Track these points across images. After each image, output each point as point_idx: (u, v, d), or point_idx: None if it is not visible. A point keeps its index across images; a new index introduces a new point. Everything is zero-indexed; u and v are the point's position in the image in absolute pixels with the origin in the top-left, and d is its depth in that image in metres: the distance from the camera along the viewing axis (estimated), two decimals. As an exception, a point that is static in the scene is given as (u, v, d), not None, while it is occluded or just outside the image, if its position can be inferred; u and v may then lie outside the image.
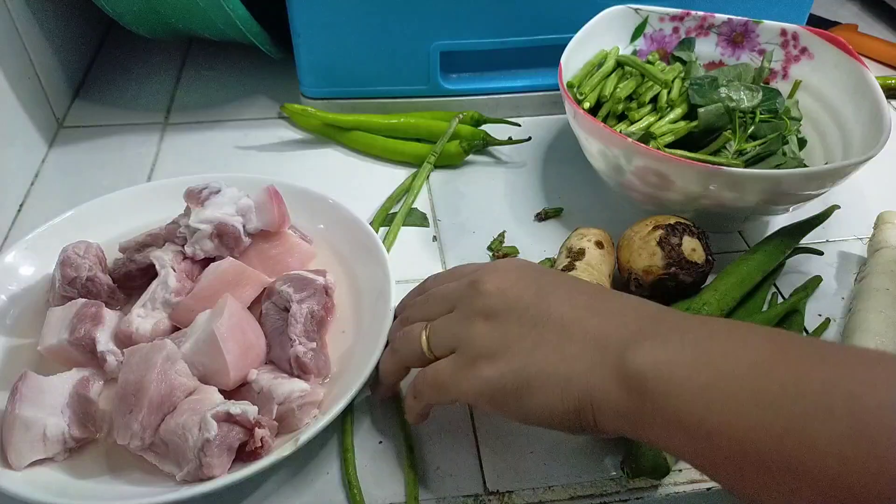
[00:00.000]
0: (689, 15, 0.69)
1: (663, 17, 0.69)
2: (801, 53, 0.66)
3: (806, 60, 0.66)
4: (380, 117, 0.72)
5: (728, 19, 0.68)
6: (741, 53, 0.69)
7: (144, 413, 0.42)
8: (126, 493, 0.43)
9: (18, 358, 0.50)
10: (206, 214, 0.53)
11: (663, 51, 0.70)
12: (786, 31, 0.67)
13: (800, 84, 0.66)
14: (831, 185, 0.55)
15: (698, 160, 0.56)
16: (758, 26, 0.67)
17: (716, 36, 0.69)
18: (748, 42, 0.68)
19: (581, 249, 0.54)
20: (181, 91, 0.82)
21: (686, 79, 0.65)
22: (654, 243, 0.53)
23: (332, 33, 0.70)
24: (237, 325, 0.47)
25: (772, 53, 0.67)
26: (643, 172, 0.55)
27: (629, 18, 0.69)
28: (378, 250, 0.55)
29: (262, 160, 0.72)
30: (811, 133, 0.65)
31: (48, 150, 0.73)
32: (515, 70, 0.75)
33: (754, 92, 0.62)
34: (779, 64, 0.68)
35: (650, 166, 0.54)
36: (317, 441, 0.46)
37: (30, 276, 0.55)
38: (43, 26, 0.73)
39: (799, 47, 0.66)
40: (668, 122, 0.62)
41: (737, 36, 0.68)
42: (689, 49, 0.69)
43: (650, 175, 0.55)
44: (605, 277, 0.54)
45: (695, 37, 0.69)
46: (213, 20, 0.70)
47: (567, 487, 0.46)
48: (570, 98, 0.59)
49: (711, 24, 0.69)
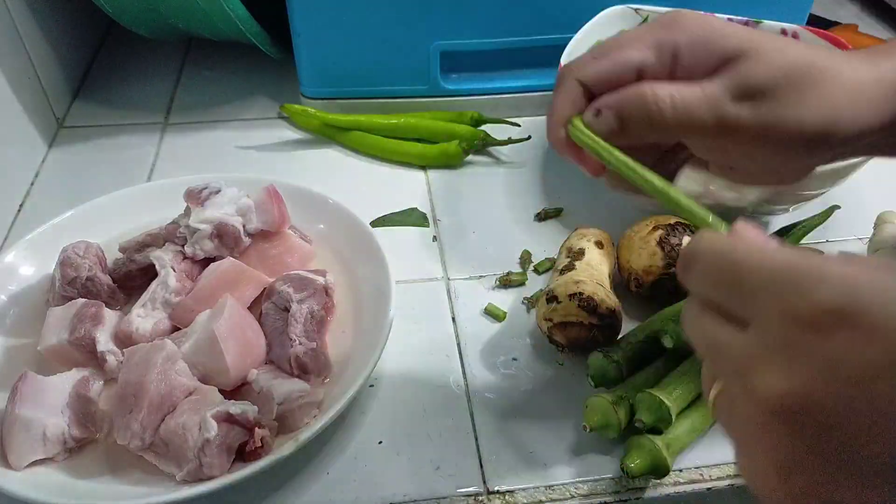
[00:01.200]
0: None
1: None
2: None
3: None
4: (379, 117, 0.72)
5: (728, 19, 0.68)
6: None
7: (144, 413, 0.42)
8: (126, 493, 0.43)
9: (18, 358, 0.50)
10: (206, 214, 0.53)
11: None
12: (786, 31, 0.66)
13: None
14: (831, 186, 0.55)
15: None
16: (758, 26, 0.67)
17: None
18: None
19: (581, 249, 0.54)
20: (181, 91, 0.82)
21: None
22: (653, 243, 0.53)
23: (332, 33, 0.70)
24: (237, 325, 0.47)
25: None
26: None
27: (629, 19, 0.69)
28: (378, 250, 0.55)
29: (261, 160, 0.72)
30: None
31: (48, 149, 0.73)
32: (516, 70, 0.75)
33: None
34: None
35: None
36: (317, 441, 0.46)
37: (30, 275, 0.55)
38: (43, 26, 0.73)
39: None
40: None
41: None
42: None
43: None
44: (605, 277, 0.54)
45: None
46: (213, 20, 0.70)
47: (567, 487, 0.46)
48: None
49: None
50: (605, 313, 0.49)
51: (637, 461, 0.44)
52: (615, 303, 0.51)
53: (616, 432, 0.46)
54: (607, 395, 0.46)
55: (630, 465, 0.44)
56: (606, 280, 0.53)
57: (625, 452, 0.45)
